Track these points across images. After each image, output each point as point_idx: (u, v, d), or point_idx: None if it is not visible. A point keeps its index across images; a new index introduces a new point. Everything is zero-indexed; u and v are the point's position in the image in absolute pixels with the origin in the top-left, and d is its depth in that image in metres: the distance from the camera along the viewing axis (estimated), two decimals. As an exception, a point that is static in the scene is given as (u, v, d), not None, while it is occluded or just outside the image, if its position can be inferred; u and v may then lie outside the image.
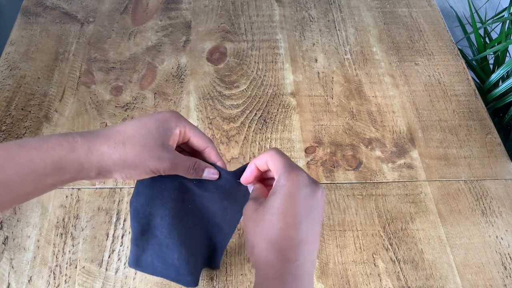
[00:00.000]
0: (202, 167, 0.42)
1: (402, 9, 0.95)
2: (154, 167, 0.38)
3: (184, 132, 0.41)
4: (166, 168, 0.39)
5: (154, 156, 0.38)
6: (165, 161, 0.38)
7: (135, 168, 0.37)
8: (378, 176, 0.68)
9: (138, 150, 0.37)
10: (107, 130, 0.38)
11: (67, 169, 0.36)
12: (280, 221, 0.34)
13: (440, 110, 0.77)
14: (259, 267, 0.34)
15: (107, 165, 0.37)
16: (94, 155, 0.36)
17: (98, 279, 0.57)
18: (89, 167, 0.36)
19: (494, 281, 0.59)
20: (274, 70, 0.82)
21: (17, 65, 0.80)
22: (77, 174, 0.36)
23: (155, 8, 0.92)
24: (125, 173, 0.38)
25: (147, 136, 0.38)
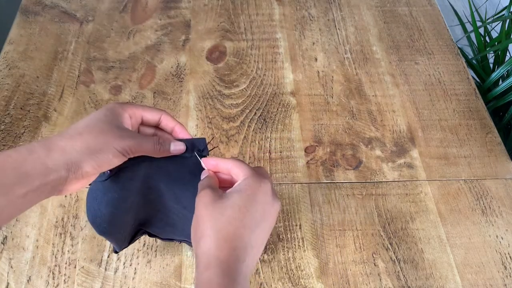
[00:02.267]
0: (167, 141, 0.41)
1: (402, 8, 0.95)
2: (120, 147, 0.37)
3: (133, 113, 0.40)
4: (132, 146, 0.38)
5: (115, 136, 0.37)
6: (127, 139, 0.38)
7: (102, 153, 0.36)
8: (378, 176, 0.68)
9: (97, 135, 0.37)
10: (61, 132, 0.37)
11: (32, 173, 0.34)
12: (239, 220, 0.34)
13: (440, 110, 0.77)
14: (206, 260, 0.34)
15: (72, 157, 0.35)
16: (55, 151, 0.35)
17: (97, 279, 0.56)
18: (55, 165, 0.35)
19: (494, 280, 0.59)
20: (274, 69, 0.82)
21: (16, 64, 0.80)
22: (46, 176, 0.34)
23: (155, 7, 0.92)
24: (95, 160, 0.36)
25: (100, 122, 0.38)
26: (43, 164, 0.35)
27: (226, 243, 0.34)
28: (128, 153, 0.38)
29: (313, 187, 0.66)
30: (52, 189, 0.36)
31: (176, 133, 0.43)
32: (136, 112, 0.41)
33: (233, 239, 0.34)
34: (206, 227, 0.35)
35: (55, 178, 0.35)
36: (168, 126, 0.43)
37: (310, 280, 0.58)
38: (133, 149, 0.38)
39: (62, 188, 0.36)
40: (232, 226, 0.34)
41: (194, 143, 0.42)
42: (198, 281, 0.33)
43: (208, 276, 0.33)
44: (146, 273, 0.57)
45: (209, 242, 0.34)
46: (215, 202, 0.36)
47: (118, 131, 0.38)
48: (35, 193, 0.34)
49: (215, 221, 0.35)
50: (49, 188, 0.35)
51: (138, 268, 0.57)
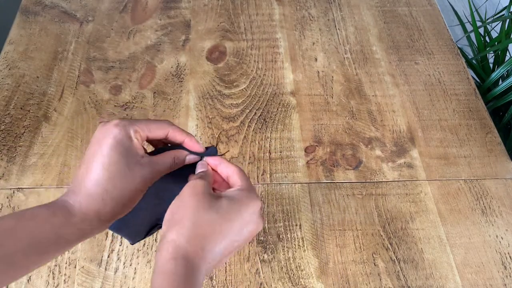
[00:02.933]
0: (181, 158, 0.41)
1: (402, 8, 0.95)
2: (143, 186, 0.37)
3: (139, 135, 0.38)
4: (153, 178, 0.38)
5: (139, 181, 0.36)
6: (148, 176, 0.37)
7: (127, 197, 0.36)
8: (378, 176, 0.68)
9: (123, 195, 0.36)
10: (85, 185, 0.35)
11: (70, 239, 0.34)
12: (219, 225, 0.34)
13: (440, 110, 0.77)
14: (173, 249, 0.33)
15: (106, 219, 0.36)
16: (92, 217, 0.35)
17: (98, 278, 0.56)
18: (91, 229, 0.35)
19: (494, 280, 0.59)
20: (274, 69, 0.82)
21: (16, 64, 0.80)
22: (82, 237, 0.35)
23: (155, 7, 0.92)
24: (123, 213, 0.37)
25: (121, 172, 0.35)
26: (81, 230, 0.35)
27: (198, 241, 0.33)
28: (150, 185, 0.38)
29: (313, 187, 0.66)
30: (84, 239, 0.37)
31: (187, 146, 0.42)
32: (141, 133, 0.38)
33: (206, 240, 0.34)
34: (186, 216, 0.34)
35: (88, 237, 0.36)
36: (177, 140, 0.41)
37: (310, 280, 0.58)
38: (153, 180, 0.38)
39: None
40: (211, 227, 0.34)
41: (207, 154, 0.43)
42: (160, 268, 0.32)
43: (173, 266, 0.32)
44: (146, 273, 0.57)
45: (183, 232, 0.33)
46: (204, 197, 0.35)
47: (139, 170, 0.36)
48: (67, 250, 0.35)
49: (198, 214, 0.34)
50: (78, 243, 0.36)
51: (138, 268, 0.57)
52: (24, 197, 0.63)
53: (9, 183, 0.65)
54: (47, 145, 0.69)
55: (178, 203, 0.36)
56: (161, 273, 0.32)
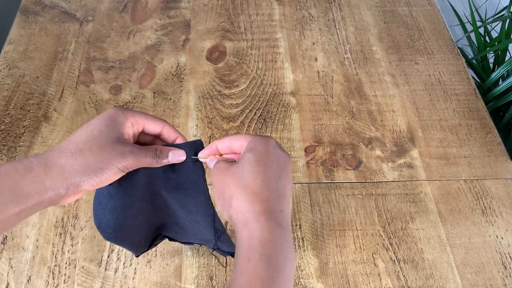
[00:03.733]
0: (165, 152, 0.40)
1: (402, 8, 0.95)
2: (121, 165, 0.36)
3: (136, 121, 0.39)
4: (132, 163, 0.37)
5: (116, 153, 0.36)
6: (128, 155, 0.37)
7: (102, 172, 0.35)
8: (378, 176, 0.68)
9: (97, 153, 0.36)
10: (59, 144, 0.36)
11: (29, 192, 0.33)
12: (262, 173, 0.34)
13: (440, 110, 0.77)
14: (242, 217, 0.33)
15: (72, 177, 0.35)
16: (54, 171, 0.34)
17: (97, 278, 0.56)
18: (53, 185, 0.34)
19: (494, 280, 0.59)
20: (273, 69, 0.82)
21: (16, 64, 0.80)
22: (43, 195, 0.34)
23: (155, 7, 0.92)
24: (95, 180, 0.35)
25: (101, 136, 0.36)
26: (41, 183, 0.34)
27: (257, 196, 0.33)
28: (128, 169, 0.37)
29: (313, 187, 0.66)
30: (48, 204, 0.35)
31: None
32: (138, 120, 0.40)
33: (263, 191, 0.34)
34: (232, 188, 0.34)
35: (52, 196, 0.34)
36: (170, 138, 0.42)
37: (310, 280, 0.58)
38: (133, 165, 0.37)
39: (58, 202, 0.36)
40: (258, 179, 0.34)
41: (191, 146, 0.42)
42: (238, 240, 0.32)
43: (247, 232, 0.32)
44: (146, 273, 0.57)
45: (240, 199, 0.34)
46: (231, 166, 0.36)
47: (119, 147, 0.37)
48: (30, 210, 0.34)
49: (239, 180, 0.34)
50: (45, 204, 0.34)
51: (138, 268, 0.57)
52: (24, 197, 0.63)
53: (9, 183, 0.65)
54: (47, 145, 0.69)
55: (217, 188, 0.36)
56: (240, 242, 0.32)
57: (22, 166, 0.34)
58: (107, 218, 0.42)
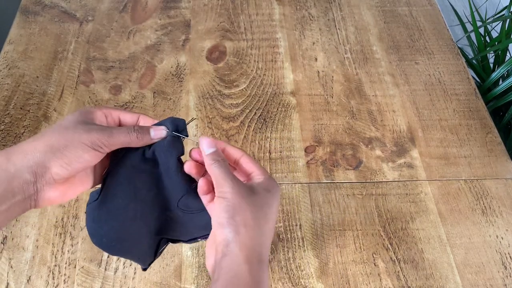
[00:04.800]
0: (145, 128, 0.38)
1: (402, 8, 0.95)
2: (88, 141, 0.34)
3: (109, 112, 0.38)
4: (102, 138, 0.35)
5: (81, 131, 0.34)
6: (95, 131, 0.34)
7: (68, 149, 0.33)
8: (378, 176, 0.68)
9: (60, 132, 0.34)
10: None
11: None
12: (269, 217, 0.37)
13: (440, 109, 0.77)
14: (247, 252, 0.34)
15: (35, 157, 0.32)
16: (16, 156, 0.32)
17: (97, 278, 0.56)
18: (17, 170, 0.32)
19: (494, 280, 0.59)
20: (274, 69, 0.82)
21: (15, 64, 0.80)
22: (9, 183, 0.32)
23: (154, 7, 0.92)
24: (62, 158, 0.33)
25: (65, 121, 0.35)
26: (5, 171, 0.32)
27: (261, 238, 0.36)
28: (100, 147, 0.35)
29: (313, 187, 0.66)
30: (24, 199, 0.33)
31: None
32: (112, 112, 0.38)
33: (264, 235, 0.36)
34: (247, 217, 0.35)
35: (20, 183, 0.32)
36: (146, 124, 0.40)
37: (310, 280, 0.58)
38: (104, 142, 0.35)
39: (37, 197, 0.34)
40: (264, 221, 0.36)
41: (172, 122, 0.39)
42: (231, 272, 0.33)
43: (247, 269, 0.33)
44: (146, 273, 0.57)
45: (251, 233, 0.35)
46: (251, 195, 0.36)
47: (85, 126, 0.35)
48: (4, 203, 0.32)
49: (256, 213, 0.35)
50: (19, 198, 0.32)
51: (138, 268, 0.57)
52: (24, 197, 0.63)
53: (9, 183, 0.65)
54: (47, 145, 0.69)
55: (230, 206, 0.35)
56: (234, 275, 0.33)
57: None
58: (105, 230, 0.39)
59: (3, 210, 0.32)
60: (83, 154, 0.34)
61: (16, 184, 0.32)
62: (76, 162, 0.34)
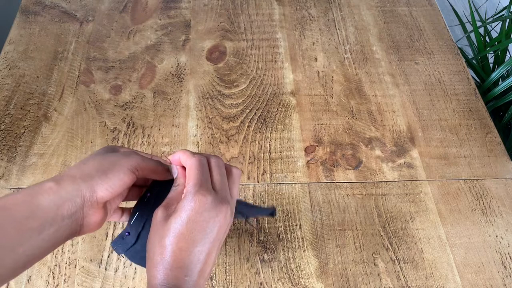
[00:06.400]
0: (166, 162, 0.42)
1: (402, 8, 0.95)
2: (129, 164, 0.37)
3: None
4: (140, 163, 0.38)
5: (122, 156, 0.38)
6: (133, 156, 0.38)
7: (112, 172, 0.36)
8: (378, 176, 0.68)
9: (104, 157, 0.37)
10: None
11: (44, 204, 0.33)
12: (175, 245, 0.35)
13: (440, 109, 0.77)
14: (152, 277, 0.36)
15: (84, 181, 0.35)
16: (66, 181, 0.35)
17: (98, 278, 0.56)
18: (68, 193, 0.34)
19: (494, 280, 0.59)
20: (273, 69, 0.82)
21: (16, 64, 0.80)
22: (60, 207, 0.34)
23: (155, 7, 0.92)
24: (107, 182, 0.36)
25: (102, 151, 0.39)
26: (56, 194, 0.34)
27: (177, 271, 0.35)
28: (138, 170, 0.38)
29: (313, 187, 0.66)
30: (71, 223, 0.35)
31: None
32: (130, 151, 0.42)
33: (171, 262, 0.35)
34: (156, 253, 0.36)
35: (70, 207, 0.34)
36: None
37: (310, 280, 0.58)
38: (141, 166, 0.38)
39: (83, 222, 0.36)
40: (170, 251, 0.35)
41: None
42: None
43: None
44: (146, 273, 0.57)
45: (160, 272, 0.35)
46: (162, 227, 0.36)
47: (122, 152, 0.39)
48: (52, 227, 0.33)
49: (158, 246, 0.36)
50: (67, 221, 0.34)
51: (138, 268, 0.57)
52: (24, 197, 0.63)
53: (9, 183, 0.65)
54: (47, 145, 0.69)
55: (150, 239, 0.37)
56: None
57: (34, 185, 0.34)
58: None
59: (51, 233, 0.33)
60: (124, 177, 0.37)
61: (66, 208, 0.34)
62: (118, 185, 0.37)
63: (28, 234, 0.32)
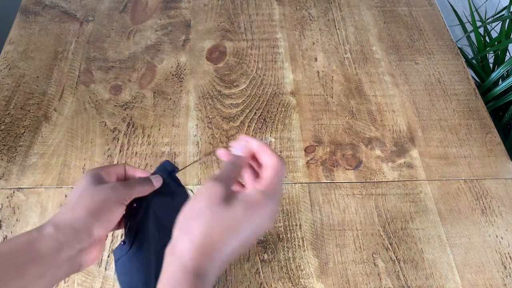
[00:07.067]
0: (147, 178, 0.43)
1: (402, 8, 0.95)
2: (116, 198, 0.39)
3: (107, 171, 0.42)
4: (125, 191, 0.40)
5: (108, 192, 0.39)
6: (118, 188, 0.39)
7: (104, 212, 0.38)
8: (378, 176, 0.68)
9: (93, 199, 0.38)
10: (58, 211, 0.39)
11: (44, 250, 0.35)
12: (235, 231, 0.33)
13: (440, 109, 0.77)
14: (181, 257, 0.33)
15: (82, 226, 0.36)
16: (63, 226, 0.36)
17: (98, 278, 0.56)
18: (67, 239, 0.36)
19: (494, 280, 0.59)
20: (273, 69, 0.82)
21: (16, 64, 0.80)
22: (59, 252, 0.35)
23: (155, 7, 0.92)
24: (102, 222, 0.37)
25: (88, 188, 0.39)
26: (55, 240, 0.36)
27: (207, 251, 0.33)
28: (125, 199, 0.40)
29: (313, 187, 0.66)
30: (70, 264, 0.36)
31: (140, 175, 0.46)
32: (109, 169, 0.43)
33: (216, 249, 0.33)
34: (197, 225, 0.33)
35: (69, 251, 0.36)
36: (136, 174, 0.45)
37: (310, 280, 0.58)
38: (128, 194, 0.40)
39: (81, 261, 0.37)
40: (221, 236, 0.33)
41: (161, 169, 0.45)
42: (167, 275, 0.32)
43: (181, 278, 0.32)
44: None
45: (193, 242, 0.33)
46: (219, 205, 0.34)
47: (104, 186, 0.39)
48: (52, 271, 0.35)
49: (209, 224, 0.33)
50: (66, 264, 0.36)
51: (138, 268, 0.57)
52: (24, 197, 0.63)
53: (9, 183, 0.65)
54: (47, 145, 0.69)
55: (191, 207, 0.35)
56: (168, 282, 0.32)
57: (34, 230, 0.36)
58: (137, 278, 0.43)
59: (51, 275, 0.35)
60: (116, 211, 0.39)
61: (64, 253, 0.36)
62: (112, 219, 0.39)
63: (30, 279, 0.34)
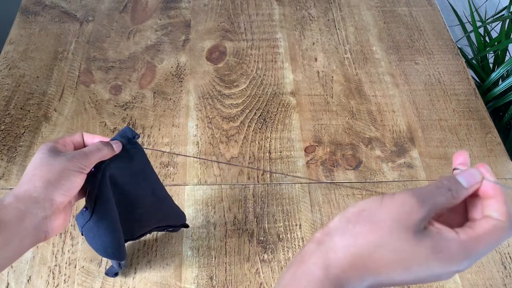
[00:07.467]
0: (107, 143, 0.43)
1: (402, 8, 0.95)
2: (74, 166, 0.39)
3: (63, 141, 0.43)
4: (83, 159, 0.40)
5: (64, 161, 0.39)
6: (76, 157, 0.40)
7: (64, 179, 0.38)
8: (378, 176, 0.68)
9: (49, 166, 0.39)
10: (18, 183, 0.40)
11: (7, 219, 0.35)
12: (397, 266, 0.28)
13: (440, 109, 0.77)
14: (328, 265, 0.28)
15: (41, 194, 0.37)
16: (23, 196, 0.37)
17: (98, 278, 0.56)
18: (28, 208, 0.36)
19: (494, 280, 0.59)
20: (273, 69, 0.82)
21: (16, 64, 0.80)
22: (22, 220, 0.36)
23: (155, 7, 0.92)
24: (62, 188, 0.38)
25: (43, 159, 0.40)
26: (16, 209, 0.36)
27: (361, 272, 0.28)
28: (84, 168, 0.40)
29: (313, 187, 0.66)
30: (36, 232, 0.37)
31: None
32: (65, 140, 0.43)
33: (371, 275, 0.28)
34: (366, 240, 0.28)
35: (33, 219, 0.37)
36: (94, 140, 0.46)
37: (310, 280, 0.58)
38: (85, 163, 0.40)
39: (47, 228, 0.38)
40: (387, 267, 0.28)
41: (122, 135, 0.45)
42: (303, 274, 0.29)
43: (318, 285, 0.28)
44: (146, 273, 0.57)
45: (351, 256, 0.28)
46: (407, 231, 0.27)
47: (61, 156, 0.40)
48: (17, 239, 0.36)
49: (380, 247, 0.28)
50: (32, 232, 0.37)
51: (138, 268, 0.57)
52: (24, 197, 0.63)
53: (9, 183, 0.65)
54: (47, 145, 0.69)
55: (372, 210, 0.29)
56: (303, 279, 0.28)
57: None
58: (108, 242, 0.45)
59: (16, 244, 0.36)
60: (76, 179, 0.40)
61: (28, 221, 0.36)
62: (73, 187, 0.39)
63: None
